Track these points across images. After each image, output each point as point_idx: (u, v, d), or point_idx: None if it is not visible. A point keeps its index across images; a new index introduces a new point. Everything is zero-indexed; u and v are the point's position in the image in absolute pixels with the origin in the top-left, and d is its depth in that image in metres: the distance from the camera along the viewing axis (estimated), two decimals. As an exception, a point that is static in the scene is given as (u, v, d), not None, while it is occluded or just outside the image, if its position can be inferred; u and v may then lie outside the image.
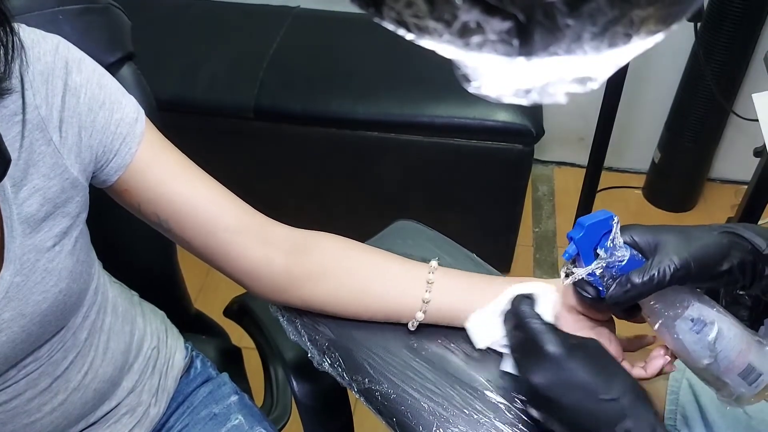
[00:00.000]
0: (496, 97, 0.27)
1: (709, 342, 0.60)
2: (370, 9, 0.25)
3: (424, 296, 0.68)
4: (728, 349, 0.60)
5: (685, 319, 0.61)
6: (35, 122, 0.59)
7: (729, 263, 0.57)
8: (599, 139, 1.37)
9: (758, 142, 1.19)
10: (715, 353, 0.60)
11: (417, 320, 0.69)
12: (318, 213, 1.85)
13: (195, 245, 0.68)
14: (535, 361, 0.57)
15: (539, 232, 2.08)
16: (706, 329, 0.60)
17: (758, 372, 0.60)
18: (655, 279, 0.56)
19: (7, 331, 0.60)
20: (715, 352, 0.60)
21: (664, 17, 0.24)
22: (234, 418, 0.86)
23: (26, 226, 0.60)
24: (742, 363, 0.60)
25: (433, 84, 1.62)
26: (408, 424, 0.63)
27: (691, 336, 0.61)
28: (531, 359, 0.57)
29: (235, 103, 1.66)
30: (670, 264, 0.56)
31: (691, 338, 0.61)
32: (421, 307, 0.68)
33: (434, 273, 0.68)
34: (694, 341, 0.61)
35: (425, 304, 0.68)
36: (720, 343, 0.60)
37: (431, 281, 0.68)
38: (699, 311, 0.61)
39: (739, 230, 0.60)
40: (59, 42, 0.61)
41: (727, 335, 0.60)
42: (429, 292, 0.68)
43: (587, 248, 0.61)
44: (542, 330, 0.58)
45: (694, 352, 0.61)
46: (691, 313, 0.61)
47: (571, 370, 0.56)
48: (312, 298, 0.70)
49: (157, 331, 0.87)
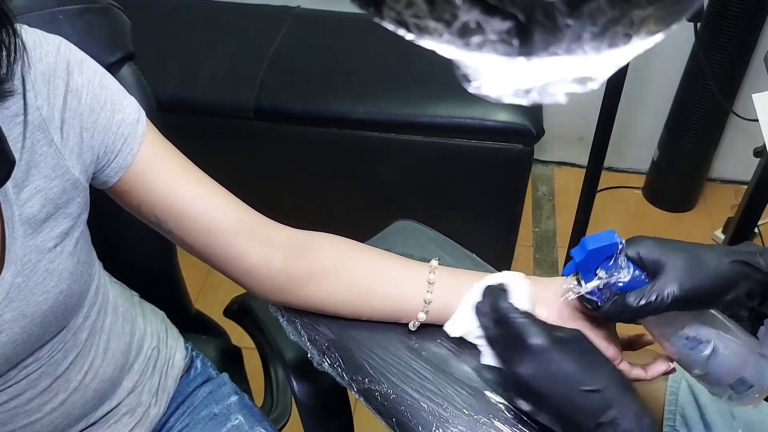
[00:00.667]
0: (496, 97, 0.27)
1: (702, 358, 0.61)
2: (370, 9, 0.25)
3: (426, 296, 0.67)
4: (721, 365, 0.61)
5: (680, 337, 0.61)
6: (37, 123, 0.59)
7: (735, 293, 0.57)
8: (599, 139, 1.37)
9: (758, 142, 1.19)
10: (707, 368, 0.61)
11: (419, 320, 0.69)
12: (318, 213, 1.85)
13: (195, 246, 0.68)
14: (521, 354, 0.57)
15: (539, 232, 2.08)
16: (701, 347, 0.61)
17: (749, 384, 0.61)
18: (652, 306, 0.57)
19: (8, 331, 0.60)
20: (707, 367, 0.61)
21: (664, 17, 0.24)
22: (234, 418, 0.86)
23: (27, 227, 0.60)
24: (733, 377, 0.61)
25: (433, 84, 1.62)
26: (407, 424, 0.63)
27: (685, 351, 0.61)
28: (516, 352, 0.58)
29: (235, 103, 1.65)
30: (670, 293, 0.56)
31: (684, 352, 0.61)
32: (422, 308, 0.68)
33: (435, 273, 0.68)
34: (687, 355, 0.61)
35: (427, 305, 0.68)
36: (713, 360, 0.60)
37: (432, 281, 0.68)
38: (696, 331, 0.61)
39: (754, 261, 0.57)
40: (61, 43, 0.61)
41: (723, 353, 0.60)
42: (430, 292, 0.68)
43: (588, 268, 0.60)
44: (525, 323, 0.58)
45: (687, 365, 0.62)
46: (687, 332, 0.61)
47: (556, 361, 0.56)
48: (312, 298, 0.70)
49: (158, 331, 0.87)
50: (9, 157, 0.53)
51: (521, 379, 0.57)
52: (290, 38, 1.80)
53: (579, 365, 0.56)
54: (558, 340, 0.58)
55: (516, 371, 0.57)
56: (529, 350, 0.57)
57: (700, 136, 1.97)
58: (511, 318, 0.59)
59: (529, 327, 0.58)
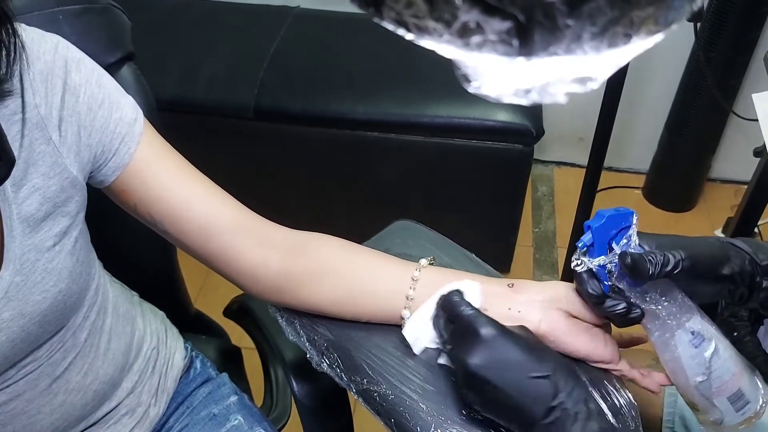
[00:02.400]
0: (496, 97, 0.27)
1: (705, 358, 0.60)
2: (370, 9, 0.24)
3: (408, 293, 0.67)
4: (723, 369, 0.60)
5: (686, 330, 0.60)
6: (35, 121, 0.59)
7: (730, 269, 0.59)
8: (599, 139, 1.37)
9: (758, 142, 1.19)
10: (710, 371, 0.60)
11: (404, 318, 0.68)
12: (318, 213, 1.85)
13: (192, 247, 0.68)
14: (470, 344, 0.58)
15: (539, 232, 2.08)
16: (704, 344, 0.60)
17: (746, 399, 0.60)
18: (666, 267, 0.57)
19: (7, 330, 0.60)
20: (709, 370, 0.60)
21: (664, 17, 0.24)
22: (233, 419, 0.86)
23: (26, 225, 0.60)
24: (733, 386, 0.60)
25: (433, 84, 1.62)
26: (406, 425, 0.63)
27: (689, 349, 0.60)
28: (466, 344, 0.59)
29: (235, 103, 1.66)
30: (677, 254, 0.58)
31: (688, 351, 0.60)
32: (405, 304, 0.68)
33: (421, 271, 0.68)
34: (691, 355, 0.60)
35: (409, 301, 0.67)
36: (716, 361, 0.60)
37: (416, 278, 0.68)
38: (700, 324, 0.61)
39: (737, 242, 0.61)
40: (59, 41, 0.61)
41: (723, 355, 0.60)
42: (413, 289, 0.67)
43: (602, 240, 0.60)
44: (475, 315, 0.60)
45: (689, 368, 0.61)
46: (693, 326, 0.60)
47: (504, 349, 0.58)
48: (309, 298, 0.70)
49: (157, 332, 0.87)
50: (9, 155, 0.53)
51: (470, 369, 0.57)
52: (290, 38, 1.80)
53: (526, 352, 0.58)
54: (506, 330, 0.59)
55: (466, 361, 0.58)
56: (478, 340, 0.58)
57: (700, 136, 1.97)
58: (460, 312, 0.60)
59: (478, 318, 0.59)
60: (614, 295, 0.61)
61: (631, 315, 0.60)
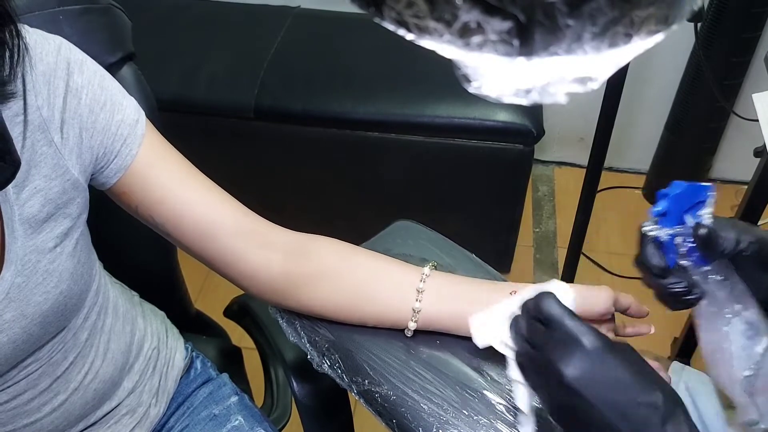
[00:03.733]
0: (496, 97, 0.27)
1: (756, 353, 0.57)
2: (370, 9, 0.25)
3: (414, 305, 0.68)
4: None
5: (743, 320, 0.58)
6: (37, 123, 0.59)
7: None
8: (599, 139, 1.37)
9: (758, 142, 1.19)
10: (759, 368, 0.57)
11: (410, 329, 0.69)
12: (318, 213, 1.85)
13: (193, 248, 0.68)
14: (569, 353, 0.50)
15: (539, 232, 2.08)
16: (757, 338, 0.58)
17: None
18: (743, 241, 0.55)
19: (8, 331, 0.60)
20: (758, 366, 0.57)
21: (664, 17, 0.24)
22: (234, 419, 0.86)
23: (27, 227, 0.60)
24: None
25: (433, 84, 1.62)
26: (408, 426, 0.63)
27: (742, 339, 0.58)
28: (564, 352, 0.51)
29: (235, 103, 1.66)
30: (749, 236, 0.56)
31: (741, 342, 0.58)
32: (412, 316, 0.68)
33: (425, 281, 0.68)
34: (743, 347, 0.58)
35: (416, 314, 0.68)
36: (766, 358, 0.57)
37: (421, 290, 0.68)
38: (757, 317, 0.58)
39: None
40: (61, 43, 0.61)
41: None
42: (419, 301, 0.68)
43: (677, 210, 0.57)
44: (578, 322, 0.52)
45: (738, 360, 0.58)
46: (750, 316, 0.58)
47: (610, 365, 0.50)
48: (310, 301, 0.70)
49: (158, 332, 0.87)
50: (14, 157, 0.52)
51: (565, 380, 0.49)
52: (290, 38, 1.80)
53: (636, 373, 0.50)
54: (613, 344, 0.51)
55: (561, 371, 0.50)
56: (580, 349, 0.50)
57: (700, 136, 1.97)
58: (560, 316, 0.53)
59: (581, 326, 0.52)
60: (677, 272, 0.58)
61: (690, 296, 0.58)
